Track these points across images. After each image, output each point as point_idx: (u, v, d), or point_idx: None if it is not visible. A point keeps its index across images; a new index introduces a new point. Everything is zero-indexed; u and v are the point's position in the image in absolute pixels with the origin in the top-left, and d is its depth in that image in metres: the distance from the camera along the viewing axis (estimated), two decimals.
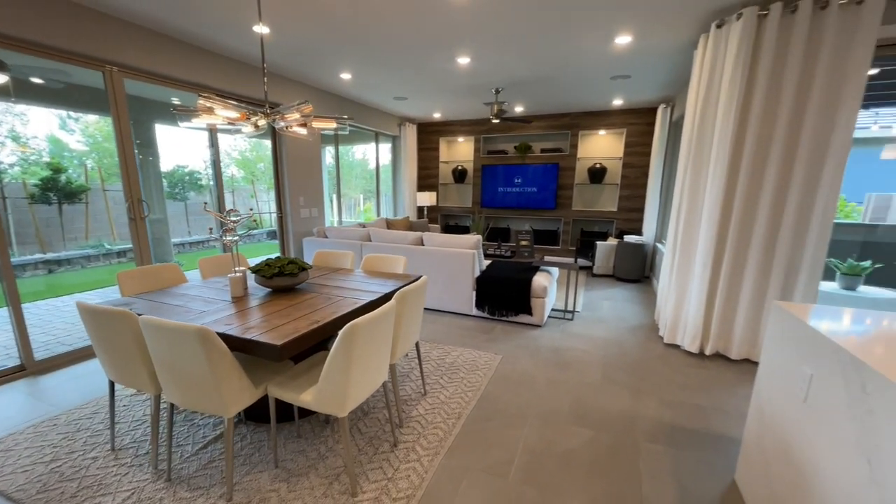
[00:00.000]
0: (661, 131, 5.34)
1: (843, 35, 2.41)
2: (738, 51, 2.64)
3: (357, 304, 2.10)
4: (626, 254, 5.44)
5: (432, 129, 7.59)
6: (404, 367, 2.91)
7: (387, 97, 5.61)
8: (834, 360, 1.18)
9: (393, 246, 4.17)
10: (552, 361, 3.03)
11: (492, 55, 3.77)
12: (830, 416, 1.17)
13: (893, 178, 7.16)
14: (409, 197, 7.40)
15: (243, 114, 2.46)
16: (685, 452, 2.03)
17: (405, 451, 1.99)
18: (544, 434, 2.16)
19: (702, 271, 3.01)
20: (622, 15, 2.88)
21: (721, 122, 2.80)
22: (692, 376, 2.81)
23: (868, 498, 1.00)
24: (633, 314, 4.15)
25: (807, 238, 2.70)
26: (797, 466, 1.33)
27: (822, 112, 2.52)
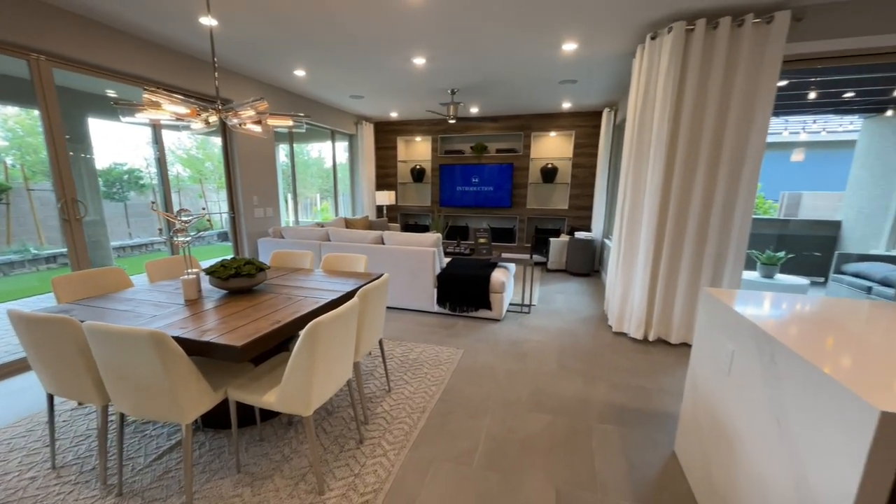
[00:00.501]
0: (606, 134, 5.69)
1: (756, 50, 2.72)
2: (669, 61, 2.90)
3: (319, 303, 2.10)
4: (577, 249, 5.75)
5: (390, 129, 7.57)
6: (368, 365, 2.92)
7: (343, 95, 5.54)
8: (750, 336, 1.36)
9: (353, 245, 4.15)
10: (511, 353, 3.16)
11: (447, 57, 3.85)
12: (748, 385, 1.35)
13: (802, 179, 8.15)
14: (367, 196, 7.33)
15: (193, 110, 2.37)
16: (632, 430, 2.21)
17: (371, 447, 2.02)
18: (505, 422, 2.27)
19: (644, 264, 3.27)
20: (568, 23, 3.05)
21: (657, 126, 3.06)
22: (637, 361, 3.05)
23: (779, 452, 1.17)
24: (585, 306, 4.40)
25: (731, 232, 3.01)
26: (723, 432, 1.51)
27: (740, 118, 2.83)
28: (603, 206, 5.83)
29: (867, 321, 1.41)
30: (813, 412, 1.03)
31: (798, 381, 1.10)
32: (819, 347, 1.15)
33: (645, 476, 1.87)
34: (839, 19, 2.65)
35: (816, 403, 1.02)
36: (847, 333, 1.28)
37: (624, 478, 1.86)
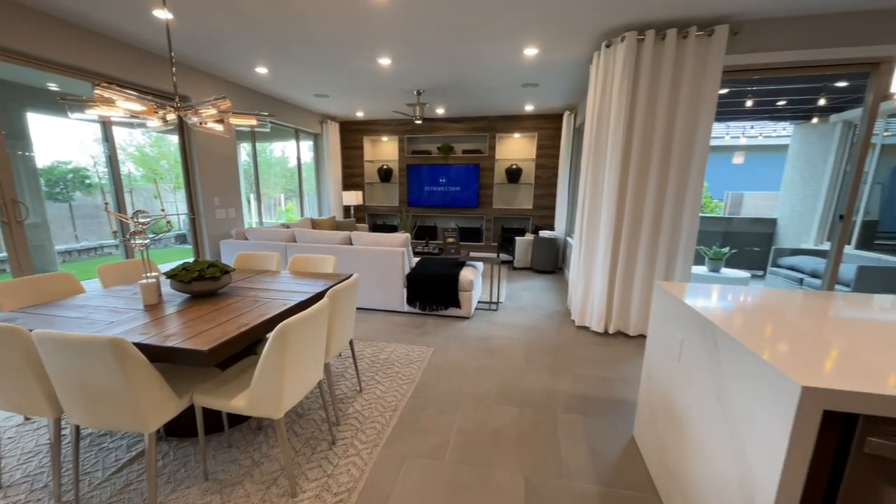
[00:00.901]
0: (567, 136, 5.91)
1: (700, 60, 2.94)
2: (623, 68, 3.08)
3: (287, 304, 2.08)
4: (542, 248, 5.94)
5: (356, 128, 7.49)
6: (339, 367, 2.90)
7: (307, 94, 5.44)
8: (697, 325, 1.49)
9: (320, 246, 4.09)
10: (480, 349, 3.25)
11: (412, 58, 3.88)
12: (695, 370, 1.48)
13: (743, 180, 8.86)
14: (334, 196, 7.22)
15: (150, 107, 2.28)
16: (594, 418, 2.34)
17: (344, 448, 2.03)
18: (476, 416, 2.34)
19: (603, 260, 3.44)
20: (529, 29, 3.16)
21: (613, 129, 3.24)
22: (599, 353, 3.21)
23: (721, 429, 1.29)
24: (550, 302, 4.57)
25: (681, 229, 3.24)
26: (675, 415, 1.64)
27: (687, 122, 3.05)
28: (565, 205, 6.06)
29: (797, 310, 1.58)
30: (749, 391, 1.15)
31: (736, 364, 1.22)
32: (754, 333, 1.29)
33: (607, 461, 1.99)
34: (770, 35, 2.91)
35: (751, 383, 1.14)
36: (779, 320, 1.43)
37: (588, 463, 1.96)
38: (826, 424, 0.97)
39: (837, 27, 2.80)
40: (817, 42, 2.84)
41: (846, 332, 1.32)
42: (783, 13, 2.82)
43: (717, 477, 1.29)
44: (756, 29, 2.92)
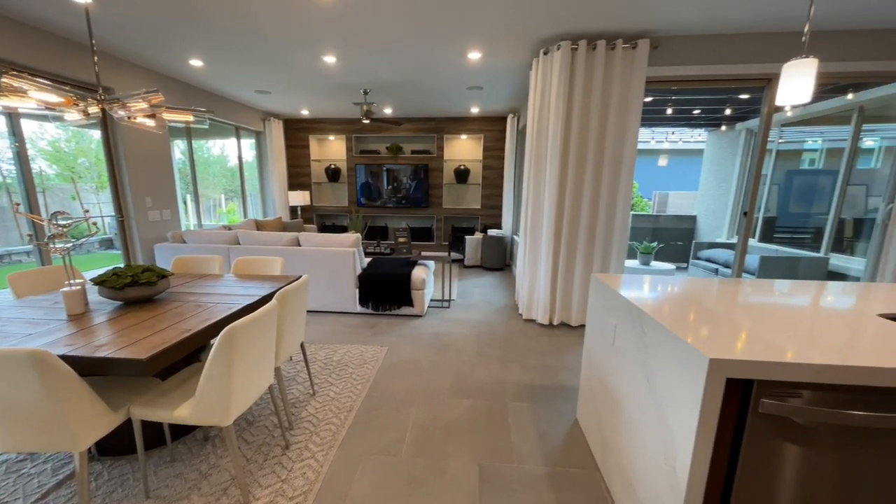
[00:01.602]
0: (511, 138, 6.16)
1: (626, 70, 3.22)
2: (559, 75, 3.29)
3: (233, 308, 2.01)
4: (491, 246, 6.14)
5: (301, 126, 7.25)
6: (290, 371, 2.83)
7: (247, 90, 5.19)
8: (627, 311, 1.66)
9: (266, 248, 3.94)
10: (433, 346, 3.31)
11: (357, 57, 3.85)
12: (627, 353, 1.65)
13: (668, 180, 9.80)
14: (279, 196, 6.95)
15: (69, 99, 2.09)
16: (541, 404, 2.49)
17: (298, 451, 2.00)
18: (430, 410, 2.40)
19: (546, 257, 3.65)
20: (471, 34, 3.26)
21: (552, 132, 3.44)
22: (545, 343, 3.40)
23: (649, 405, 1.45)
24: (499, 298, 4.74)
25: (615, 225, 3.52)
26: (611, 395, 1.81)
27: (617, 127, 3.32)
28: (511, 205, 6.30)
29: (710, 295, 1.80)
30: (670, 367, 1.31)
31: (659, 344, 1.38)
32: (674, 317, 1.46)
33: (553, 443, 2.13)
34: (684, 51, 3.25)
35: (671, 360, 1.30)
36: (695, 305, 1.63)
37: (536, 447, 2.10)
38: (729, 391, 1.13)
39: (738, 46, 3.19)
40: (722, 59, 3.22)
41: (748, 313, 1.54)
42: (694, 32, 3.17)
43: (646, 447, 1.45)
44: (673, 45, 3.25)
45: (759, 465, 1.15)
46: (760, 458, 1.15)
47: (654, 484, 1.38)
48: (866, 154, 4.58)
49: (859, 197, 4.57)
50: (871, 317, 1.48)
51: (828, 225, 4.77)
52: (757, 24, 3.01)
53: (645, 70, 3.17)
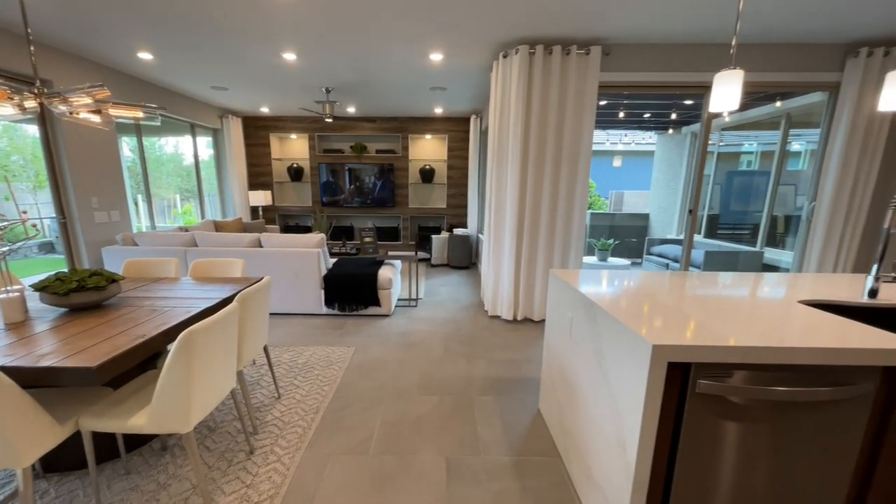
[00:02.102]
0: (475, 139, 6.27)
1: (581, 74, 3.38)
2: (518, 77, 3.40)
3: (191, 311, 1.95)
4: (457, 245, 6.22)
5: (261, 124, 7.04)
6: (254, 375, 2.77)
7: (202, 86, 4.98)
8: (582, 304, 1.76)
9: (226, 250, 3.81)
10: (401, 344, 3.34)
11: (319, 55, 3.80)
12: (582, 342, 1.75)
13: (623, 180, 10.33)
14: (239, 196, 6.71)
15: (1, 92, 1.95)
16: (506, 397, 2.58)
17: (263, 456, 1.97)
18: (398, 408, 2.43)
19: (509, 255, 3.76)
20: (433, 36, 3.31)
21: (512, 133, 3.55)
22: (509, 339, 3.51)
23: (602, 391, 1.55)
24: (465, 295, 4.83)
25: (573, 223, 3.68)
26: (568, 383, 1.91)
27: (573, 129, 3.48)
28: (476, 204, 6.41)
29: (657, 287, 1.94)
30: (619, 355, 1.41)
31: (610, 334, 1.49)
32: (622, 307, 1.57)
33: (517, 433, 2.22)
34: (633, 58, 3.45)
35: (621, 348, 1.40)
36: (642, 296, 1.76)
37: (501, 437, 2.17)
38: (670, 374, 1.24)
39: (680, 56, 3.43)
40: (667, 67, 3.44)
41: (689, 303, 1.68)
42: (641, 41, 3.37)
43: (601, 431, 1.55)
44: (623, 52, 3.44)
45: (698, 441, 1.27)
46: (699, 433, 1.26)
47: (608, 465, 1.48)
48: (795, 157, 5.04)
49: (789, 196, 5.02)
50: (793, 304, 1.65)
51: (763, 221, 5.21)
52: (695, 36, 3.25)
53: (598, 75, 3.34)
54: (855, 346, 1.18)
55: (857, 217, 3.56)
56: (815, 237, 3.67)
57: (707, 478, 1.29)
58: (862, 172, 3.47)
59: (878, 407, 1.24)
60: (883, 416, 1.25)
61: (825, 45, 3.38)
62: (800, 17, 2.90)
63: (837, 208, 3.55)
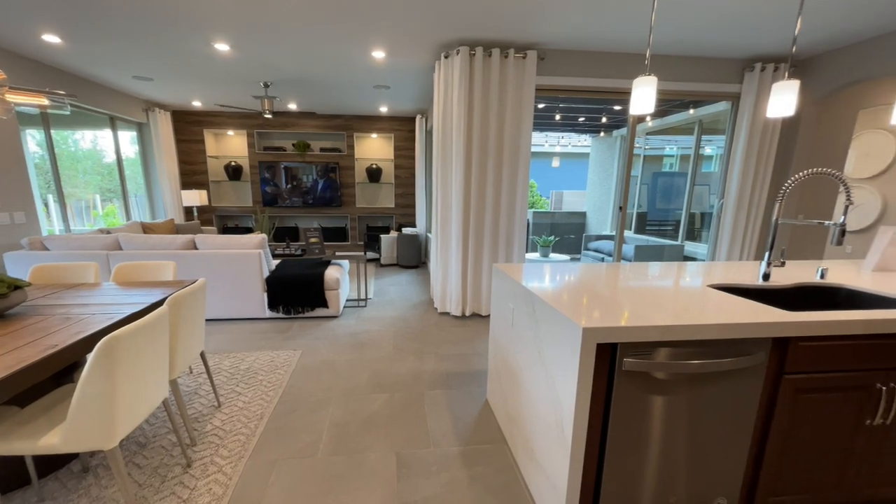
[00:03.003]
0: (420, 138, 6.31)
1: (518, 77, 3.54)
2: (460, 78, 3.49)
3: (114, 318, 1.80)
4: (406, 244, 6.22)
5: (193, 119, 6.57)
6: (191, 384, 2.60)
7: (123, 75, 4.57)
8: (522, 295, 1.86)
9: (156, 252, 3.53)
10: (350, 345, 3.30)
11: (255, 48, 3.64)
12: (523, 331, 1.85)
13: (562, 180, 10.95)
14: (171, 196, 6.22)
15: None
16: (455, 390, 2.64)
17: (202, 468, 1.87)
18: (348, 407, 2.41)
19: (456, 252, 3.85)
20: (373, 33, 3.29)
21: (456, 133, 3.63)
22: (458, 334, 3.59)
23: (541, 376, 1.65)
24: (415, 294, 4.85)
25: (515, 221, 3.84)
26: (512, 371, 2.00)
27: (513, 130, 3.63)
28: (423, 203, 6.46)
29: (590, 277, 2.09)
30: (555, 340, 1.51)
31: (547, 320, 1.59)
32: (557, 296, 1.69)
33: (466, 424, 2.29)
34: (566, 63, 3.67)
35: (556, 333, 1.50)
36: (576, 285, 1.89)
37: (451, 429, 2.23)
38: (600, 354, 1.36)
39: (608, 63, 3.70)
40: (597, 73, 3.71)
41: (617, 290, 1.83)
42: (573, 48, 3.60)
43: (541, 414, 1.65)
44: (556, 57, 3.65)
45: (626, 415, 1.40)
46: (627, 408, 1.39)
47: (549, 446, 1.58)
48: (708, 160, 5.63)
49: (704, 195, 5.60)
50: (704, 288, 1.86)
51: (682, 218, 5.77)
52: (620, 45, 3.53)
53: (534, 78, 3.52)
54: (750, 321, 1.36)
55: (756, 212, 4.06)
56: (724, 231, 4.13)
57: (636, 448, 1.43)
58: (759, 173, 3.96)
59: (770, 372, 1.45)
60: (775, 380, 1.46)
61: (727, 59, 3.82)
62: (705, 33, 3.25)
63: (741, 205, 4.02)
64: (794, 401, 1.46)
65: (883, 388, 1.48)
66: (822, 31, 3.18)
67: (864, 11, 2.81)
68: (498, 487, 1.81)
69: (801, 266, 2.34)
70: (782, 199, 1.87)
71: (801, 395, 1.46)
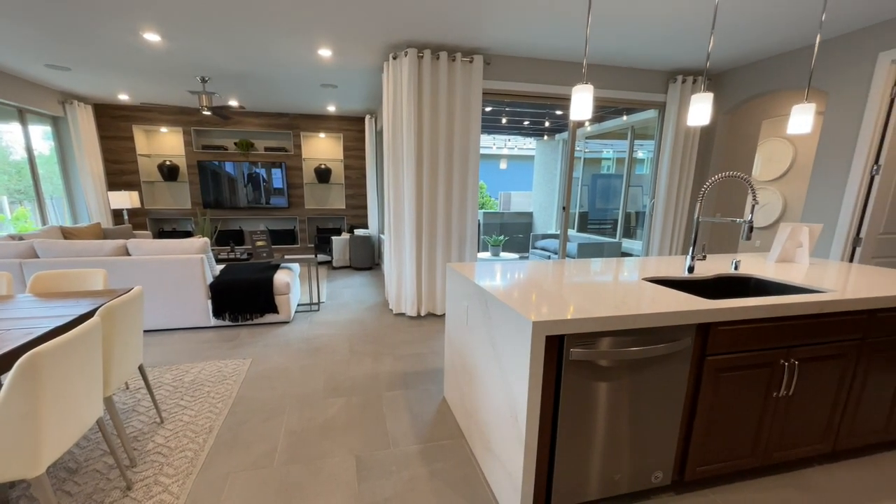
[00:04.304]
0: (370, 139, 6.26)
1: (466, 80, 3.64)
2: (409, 80, 3.52)
3: (33, 333, 1.64)
4: (358, 246, 6.14)
5: (120, 114, 6.03)
6: (128, 400, 2.41)
7: (33, 63, 4.10)
8: (475, 292, 1.93)
9: (81, 260, 3.22)
10: (303, 350, 3.21)
11: (189, 39, 3.43)
12: (477, 328, 1.92)
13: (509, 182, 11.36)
14: (96, 198, 5.66)
15: None
16: (413, 390, 2.67)
17: (145, 489, 1.75)
18: (303, 414, 2.35)
19: (410, 253, 3.87)
20: (318, 29, 3.21)
21: (406, 135, 3.66)
22: (414, 334, 3.61)
23: (496, 370, 1.72)
24: (369, 296, 4.81)
25: (466, 221, 3.94)
26: (467, 367, 2.07)
27: (462, 132, 3.73)
28: (375, 204, 6.41)
29: (539, 274, 2.21)
30: (507, 334, 1.59)
31: (499, 316, 1.67)
32: (508, 292, 1.77)
33: (425, 422, 2.32)
34: (510, 69, 3.82)
35: (508, 328, 1.58)
36: (527, 282, 1.99)
37: (409, 429, 2.25)
38: (549, 346, 1.45)
39: (550, 71, 3.91)
40: (540, 79, 3.90)
41: (564, 286, 1.96)
42: (517, 54, 3.76)
43: (496, 407, 1.73)
44: (502, 63, 3.80)
45: (575, 402, 1.50)
46: (575, 396, 1.50)
47: (504, 438, 1.65)
48: (640, 163, 6.11)
49: (638, 195, 6.08)
50: (639, 281, 2.04)
51: (619, 217, 6.22)
52: (559, 54, 3.74)
53: (481, 82, 3.64)
54: (679, 310, 1.52)
55: (682, 210, 4.47)
56: (656, 228, 4.51)
57: (583, 432, 1.54)
58: (683, 175, 4.37)
59: (695, 356, 1.62)
60: (699, 362, 1.64)
61: (654, 70, 4.18)
62: (633, 47, 3.53)
63: (669, 204, 4.41)
64: (716, 379, 1.65)
65: (785, 363, 1.71)
66: (733, 49, 3.58)
67: (769, 31, 3.20)
68: (457, 481, 1.87)
69: (720, 259, 2.62)
70: (702, 199, 2.09)
71: (721, 374, 1.65)
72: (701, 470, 1.75)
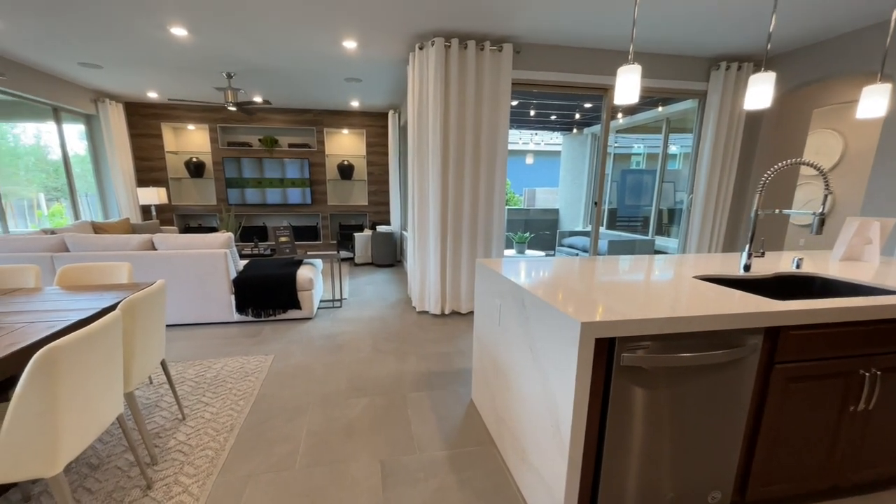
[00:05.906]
0: (394, 134, 6.18)
1: (494, 70, 3.49)
2: (435, 71, 3.39)
3: (56, 326, 1.59)
4: (381, 242, 6.07)
5: (149, 112, 6.15)
6: (150, 396, 2.38)
7: (67, 61, 4.18)
8: (510, 290, 1.79)
9: (109, 254, 3.25)
10: (326, 347, 3.14)
11: (215, 34, 3.41)
12: (512, 328, 1.78)
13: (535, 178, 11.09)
14: (126, 195, 5.79)
15: None
16: (439, 391, 2.55)
17: (165, 489, 1.69)
18: (326, 414, 2.27)
19: (434, 250, 3.76)
20: (345, 22, 3.15)
21: (432, 129, 3.54)
22: (439, 332, 3.50)
23: (534, 374, 1.59)
24: (392, 293, 4.72)
25: (493, 217, 3.80)
26: (500, 370, 1.94)
27: (490, 126, 3.58)
28: (398, 200, 6.33)
29: (576, 272, 2.05)
30: (549, 336, 1.45)
31: (539, 317, 1.53)
32: (548, 291, 1.63)
33: (452, 426, 2.20)
34: (540, 57, 3.65)
35: (550, 329, 1.44)
36: (565, 281, 1.84)
37: (436, 432, 2.14)
38: (598, 349, 1.30)
39: (584, 58, 3.71)
40: (572, 68, 3.71)
41: (606, 284, 1.80)
42: (549, 42, 3.58)
43: (534, 413, 1.59)
44: (531, 51, 3.63)
45: (624, 412, 1.35)
46: (625, 405, 1.35)
47: (543, 447, 1.51)
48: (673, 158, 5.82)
49: (670, 192, 5.78)
50: (691, 280, 1.85)
51: (652, 214, 5.93)
52: (595, 41, 3.54)
53: (510, 72, 3.48)
54: (745, 311, 1.34)
55: (723, 205, 4.20)
56: (694, 224, 4.24)
57: (633, 445, 1.39)
58: (725, 167, 4.09)
59: (762, 363, 1.44)
60: (766, 370, 1.45)
61: (695, 57, 3.92)
62: (675, 30, 3.30)
63: (709, 199, 4.14)
64: (785, 389, 1.46)
65: (866, 374, 1.51)
66: (794, 29, 3.28)
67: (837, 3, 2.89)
68: (489, 492, 1.74)
69: (777, 257, 2.40)
70: (762, 190, 1.89)
71: (791, 384, 1.47)
72: (765, 490, 1.57)
